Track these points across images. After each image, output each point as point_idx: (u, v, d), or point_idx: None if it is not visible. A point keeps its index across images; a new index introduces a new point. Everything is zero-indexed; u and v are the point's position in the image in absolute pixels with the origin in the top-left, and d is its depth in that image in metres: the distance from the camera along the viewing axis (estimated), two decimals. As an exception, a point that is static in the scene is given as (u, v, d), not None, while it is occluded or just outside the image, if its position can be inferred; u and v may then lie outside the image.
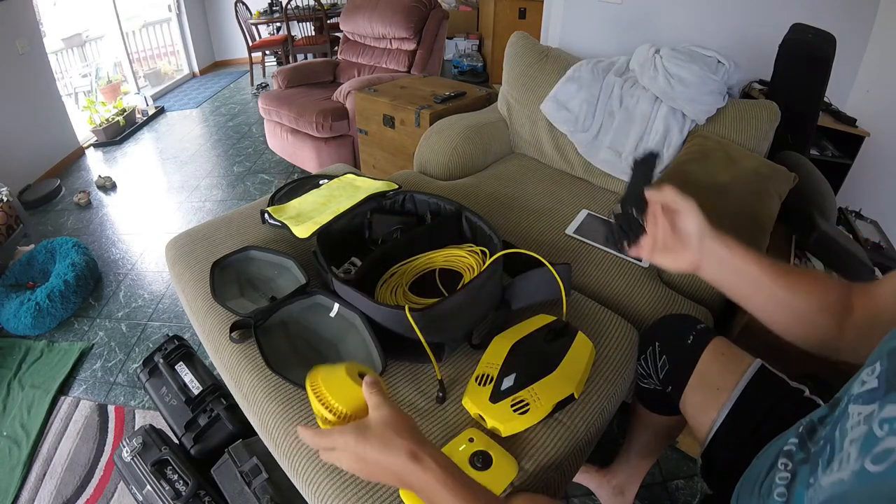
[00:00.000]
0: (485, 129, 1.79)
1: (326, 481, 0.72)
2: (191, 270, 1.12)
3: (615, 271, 1.20)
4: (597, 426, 0.83)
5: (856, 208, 1.72)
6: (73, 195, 2.87)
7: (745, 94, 1.89)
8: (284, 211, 1.18)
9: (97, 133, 3.60)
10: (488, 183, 1.59)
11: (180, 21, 5.09)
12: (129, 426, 1.49)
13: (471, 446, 0.72)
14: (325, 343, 0.91)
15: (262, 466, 0.99)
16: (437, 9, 2.88)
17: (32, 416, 1.54)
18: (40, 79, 3.16)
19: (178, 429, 1.17)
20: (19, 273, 2.05)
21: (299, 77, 3.06)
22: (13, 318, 1.83)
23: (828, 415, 0.52)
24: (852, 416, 0.43)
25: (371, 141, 2.27)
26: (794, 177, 1.41)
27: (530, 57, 1.82)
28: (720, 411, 0.76)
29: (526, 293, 0.96)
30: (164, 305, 1.98)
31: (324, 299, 0.95)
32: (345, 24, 3.15)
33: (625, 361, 0.93)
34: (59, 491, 1.33)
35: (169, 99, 4.61)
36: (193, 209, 2.69)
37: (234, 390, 0.94)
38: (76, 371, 1.71)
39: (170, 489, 1.03)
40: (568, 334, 0.87)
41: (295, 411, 0.81)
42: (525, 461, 0.74)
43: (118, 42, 4.46)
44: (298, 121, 2.62)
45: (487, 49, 4.30)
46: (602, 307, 1.04)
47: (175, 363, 1.29)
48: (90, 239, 2.47)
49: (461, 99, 2.07)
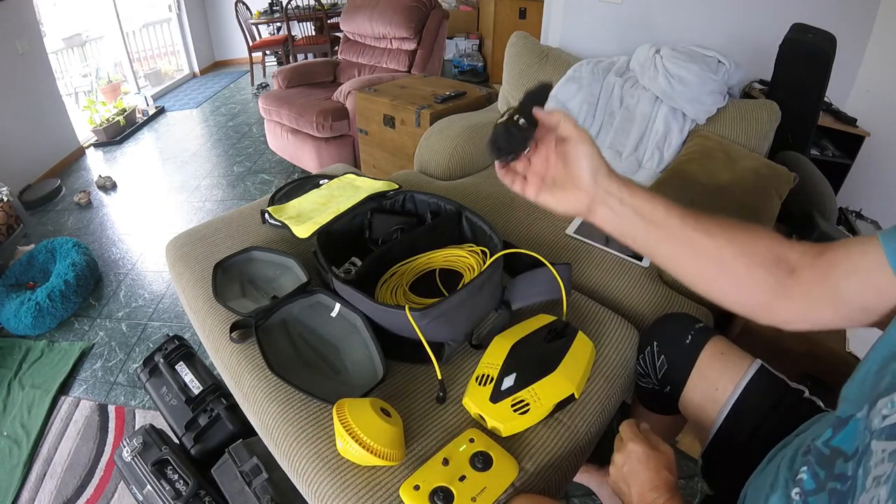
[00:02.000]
0: (485, 129, 1.79)
1: (326, 481, 0.72)
2: (191, 270, 1.12)
3: (615, 271, 1.20)
4: (597, 426, 0.83)
5: (856, 208, 1.72)
6: (73, 195, 2.87)
7: (746, 94, 1.89)
8: (284, 211, 1.18)
9: (97, 133, 3.60)
10: (488, 183, 1.59)
11: (180, 21, 5.09)
12: (130, 426, 1.49)
13: (471, 447, 0.72)
14: (326, 344, 0.91)
15: (262, 466, 0.99)
16: (437, 9, 2.88)
17: (33, 416, 1.54)
18: (40, 79, 3.16)
19: (178, 429, 1.17)
20: (19, 273, 2.05)
21: (299, 77, 3.06)
22: (13, 318, 1.83)
23: (831, 437, 0.49)
24: (876, 454, 0.40)
25: (371, 141, 2.27)
26: (794, 177, 1.41)
27: (530, 57, 1.82)
28: (720, 411, 0.76)
29: (526, 293, 0.96)
30: (165, 305, 1.98)
31: (325, 298, 0.95)
32: (345, 24, 3.15)
33: (625, 361, 0.93)
34: (59, 491, 1.33)
35: (169, 99, 4.61)
36: (193, 209, 2.69)
37: (235, 390, 0.94)
38: (76, 371, 1.71)
39: (170, 489, 1.03)
40: (568, 334, 0.87)
41: (295, 411, 0.81)
42: (525, 461, 0.74)
43: (118, 42, 4.46)
44: (299, 121, 2.62)
45: (487, 49, 4.30)
46: (602, 307, 1.04)
47: (175, 363, 1.29)
48: (90, 239, 2.47)
49: (461, 99, 2.07)
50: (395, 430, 0.71)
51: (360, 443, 0.68)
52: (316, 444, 0.76)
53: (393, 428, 0.71)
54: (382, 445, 0.68)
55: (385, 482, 0.71)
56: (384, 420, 0.71)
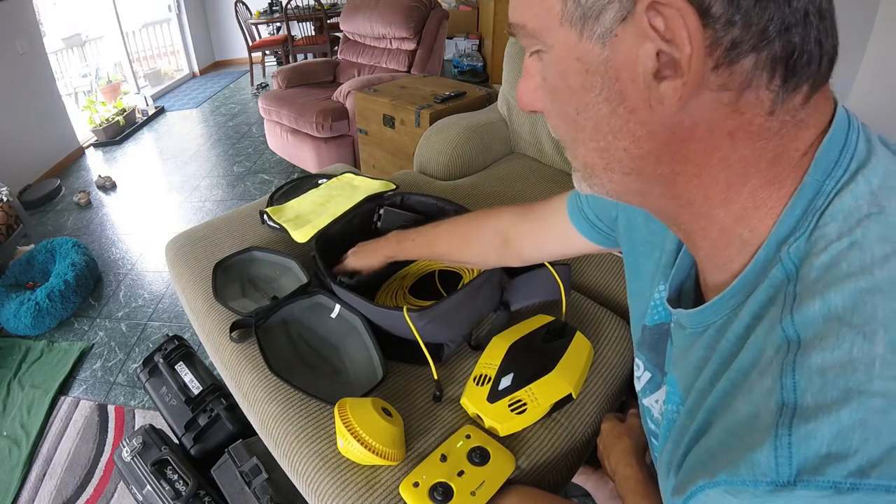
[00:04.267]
0: (485, 129, 1.79)
1: (326, 481, 0.72)
2: (191, 270, 1.12)
3: (614, 271, 1.20)
4: (595, 426, 0.83)
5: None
6: (73, 195, 2.87)
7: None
8: (283, 212, 1.18)
9: (97, 133, 3.60)
10: (488, 183, 1.59)
11: (180, 21, 5.09)
12: (129, 426, 1.49)
13: (468, 442, 0.73)
14: (326, 345, 0.91)
15: (262, 466, 0.99)
16: (437, 9, 2.88)
17: (32, 416, 1.55)
18: (40, 79, 3.17)
19: (178, 429, 1.17)
20: (19, 273, 2.05)
21: (299, 77, 3.06)
22: (13, 318, 1.83)
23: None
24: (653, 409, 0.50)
25: (371, 141, 2.27)
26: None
27: (530, 57, 1.82)
28: None
29: (525, 293, 0.96)
30: (164, 305, 1.98)
31: (325, 300, 0.95)
32: (345, 24, 3.15)
33: (623, 361, 0.93)
34: (59, 491, 1.34)
35: (169, 99, 4.61)
36: (193, 209, 2.70)
37: (234, 390, 0.94)
38: (76, 371, 1.71)
39: (170, 489, 1.03)
40: (566, 334, 0.87)
41: (295, 411, 0.81)
42: (522, 461, 0.74)
43: (118, 42, 4.46)
44: (298, 121, 2.62)
45: (487, 49, 4.30)
46: (601, 307, 1.04)
47: (175, 363, 1.29)
48: (90, 239, 2.47)
49: (461, 99, 2.07)
50: (396, 430, 0.72)
51: (361, 442, 0.68)
52: (316, 443, 0.77)
53: (394, 428, 0.71)
54: (383, 445, 0.69)
55: (385, 481, 0.71)
56: (385, 420, 0.71)
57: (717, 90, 0.28)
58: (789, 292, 0.29)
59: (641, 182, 0.34)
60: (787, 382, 0.26)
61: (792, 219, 0.30)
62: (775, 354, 0.28)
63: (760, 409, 0.27)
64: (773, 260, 0.31)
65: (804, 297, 0.28)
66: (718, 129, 0.30)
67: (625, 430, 0.71)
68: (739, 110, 0.29)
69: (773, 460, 0.25)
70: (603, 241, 0.63)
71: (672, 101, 0.28)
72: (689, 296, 0.44)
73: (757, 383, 0.29)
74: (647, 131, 0.31)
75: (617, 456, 0.68)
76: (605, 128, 0.32)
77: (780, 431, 0.25)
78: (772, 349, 0.28)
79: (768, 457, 0.25)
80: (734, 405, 0.30)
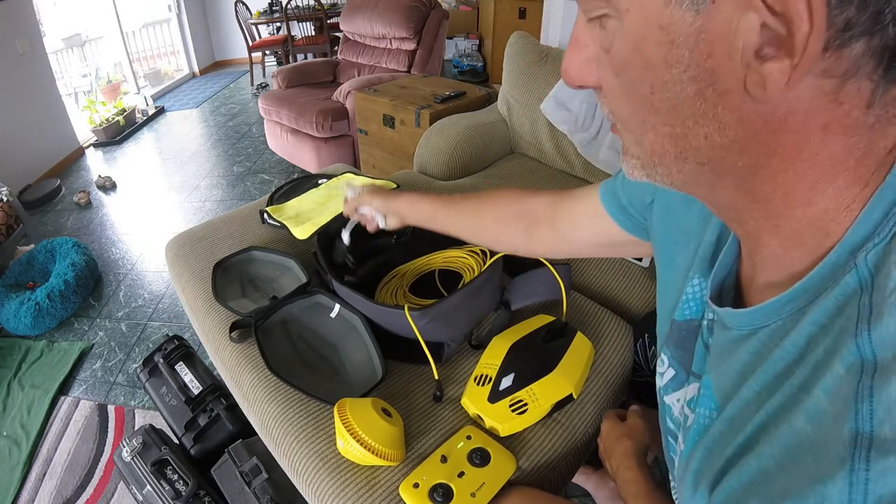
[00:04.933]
0: (485, 129, 1.79)
1: (326, 481, 0.72)
2: (191, 270, 1.12)
3: (615, 271, 1.20)
4: (595, 426, 0.83)
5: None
6: (73, 195, 2.87)
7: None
8: (283, 211, 1.18)
9: (97, 133, 3.60)
10: (488, 183, 1.59)
11: (180, 21, 5.09)
12: (129, 426, 1.49)
13: (469, 443, 0.73)
14: (326, 345, 0.91)
15: (262, 466, 0.99)
16: (437, 9, 2.88)
17: (32, 416, 1.54)
18: (40, 79, 3.17)
19: (178, 429, 1.17)
20: (19, 273, 2.05)
21: (299, 77, 3.06)
22: (13, 318, 1.83)
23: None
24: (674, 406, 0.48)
25: (371, 141, 2.27)
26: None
27: (530, 57, 1.82)
28: None
29: (526, 293, 0.96)
30: (164, 305, 1.98)
31: (325, 299, 0.95)
32: (345, 24, 3.15)
33: (624, 361, 0.93)
34: (59, 491, 1.34)
35: (169, 99, 4.61)
36: (193, 209, 2.70)
37: (234, 390, 0.94)
38: (76, 371, 1.71)
39: (170, 489, 1.03)
40: (567, 334, 0.87)
41: (295, 411, 0.81)
42: (523, 461, 0.74)
43: (118, 42, 4.46)
44: (298, 121, 2.62)
45: (487, 49, 4.30)
46: (601, 307, 1.04)
47: (175, 363, 1.29)
48: (90, 239, 2.47)
49: (461, 99, 2.07)
50: (396, 431, 0.72)
51: (360, 442, 0.68)
52: (316, 443, 0.76)
53: (394, 428, 0.71)
54: (383, 445, 0.68)
55: (385, 481, 0.71)
56: (385, 420, 0.71)
57: (819, 76, 0.25)
58: (864, 304, 0.26)
59: (715, 174, 0.30)
60: (862, 409, 0.24)
61: (870, 222, 0.27)
62: (846, 374, 0.25)
63: (829, 435, 0.25)
64: (846, 266, 0.28)
65: (882, 312, 0.25)
66: (813, 121, 0.26)
67: (625, 431, 0.70)
68: (839, 101, 0.25)
69: (846, 495, 0.23)
70: (633, 228, 0.59)
71: (777, 86, 0.24)
72: (730, 293, 0.41)
73: (824, 404, 0.26)
74: (737, 118, 0.27)
75: (618, 458, 0.68)
76: (685, 111, 0.28)
77: (856, 465, 0.23)
78: (842, 367, 0.26)
79: (842, 492, 0.23)
80: (793, 424, 0.27)
